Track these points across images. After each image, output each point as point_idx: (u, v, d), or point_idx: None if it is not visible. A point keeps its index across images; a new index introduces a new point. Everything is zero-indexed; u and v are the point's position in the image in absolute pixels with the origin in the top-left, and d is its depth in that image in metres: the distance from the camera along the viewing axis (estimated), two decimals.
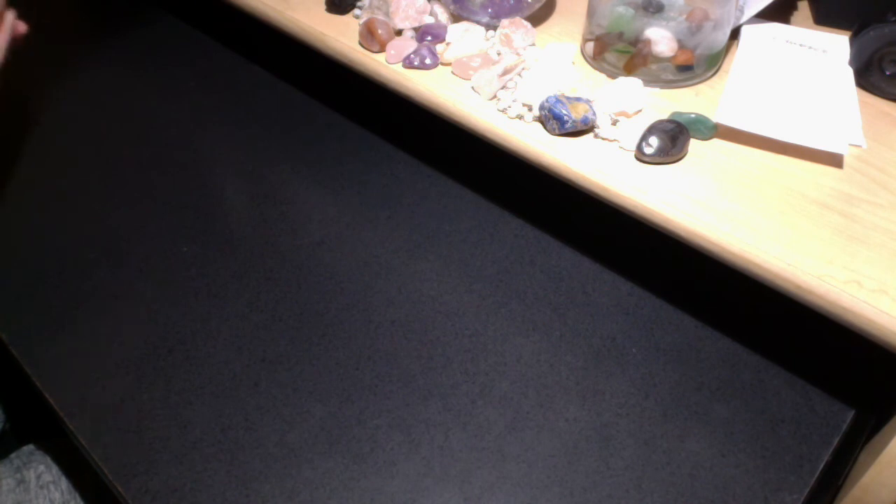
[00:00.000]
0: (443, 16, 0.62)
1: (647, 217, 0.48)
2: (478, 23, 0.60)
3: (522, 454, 0.50)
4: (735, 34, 0.58)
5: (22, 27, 0.64)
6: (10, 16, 0.63)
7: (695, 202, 0.47)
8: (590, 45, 0.58)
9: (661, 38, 0.53)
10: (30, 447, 0.69)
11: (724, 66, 0.57)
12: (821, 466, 0.49)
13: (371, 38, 0.59)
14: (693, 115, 0.51)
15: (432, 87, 0.56)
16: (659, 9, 0.54)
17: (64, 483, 0.66)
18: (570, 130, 0.51)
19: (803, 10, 0.63)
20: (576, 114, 0.50)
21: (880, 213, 0.46)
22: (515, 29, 0.58)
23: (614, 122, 0.53)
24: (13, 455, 0.68)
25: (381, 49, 0.59)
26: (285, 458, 0.50)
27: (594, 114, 0.51)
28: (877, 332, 0.41)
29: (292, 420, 0.52)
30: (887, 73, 0.53)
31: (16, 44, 0.64)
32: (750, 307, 0.58)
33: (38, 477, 0.65)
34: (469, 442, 0.51)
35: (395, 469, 0.49)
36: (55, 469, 0.67)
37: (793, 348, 0.56)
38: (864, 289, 0.42)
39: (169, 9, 0.94)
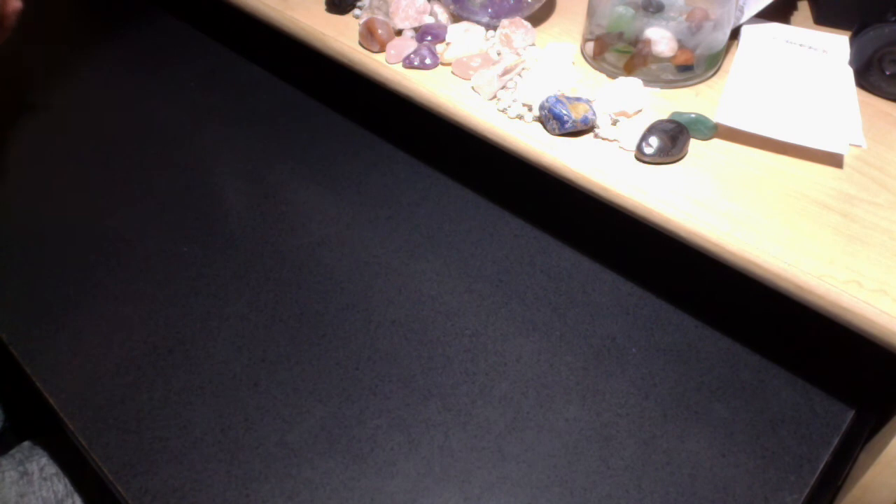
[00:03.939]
0: (443, 16, 0.62)
1: (647, 217, 0.48)
2: (478, 23, 0.60)
3: (522, 454, 0.50)
4: (735, 34, 0.58)
5: (16, 3, 0.64)
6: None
7: (695, 202, 0.47)
8: (590, 45, 0.58)
9: (661, 38, 0.53)
10: (28, 443, 0.69)
11: (724, 66, 0.57)
12: (821, 466, 0.49)
13: (371, 38, 0.59)
14: (693, 115, 0.51)
15: (432, 87, 0.56)
16: (659, 9, 0.54)
17: (67, 476, 0.66)
18: (570, 130, 0.51)
19: (803, 10, 0.63)
20: (576, 114, 0.50)
21: (880, 213, 0.46)
22: (515, 29, 0.58)
23: (614, 122, 0.53)
24: (14, 450, 0.68)
25: (381, 49, 0.59)
26: (285, 458, 0.50)
27: (594, 114, 0.51)
28: (877, 332, 0.41)
29: (292, 420, 0.52)
30: (887, 73, 0.53)
31: (10, 21, 0.63)
32: (750, 307, 0.58)
33: (42, 469, 0.65)
34: (469, 442, 0.51)
35: (395, 469, 0.49)
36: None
37: (793, 348, 0.56)
38: (864, 289, 0.42)
39: (169, 9, 0.94)
